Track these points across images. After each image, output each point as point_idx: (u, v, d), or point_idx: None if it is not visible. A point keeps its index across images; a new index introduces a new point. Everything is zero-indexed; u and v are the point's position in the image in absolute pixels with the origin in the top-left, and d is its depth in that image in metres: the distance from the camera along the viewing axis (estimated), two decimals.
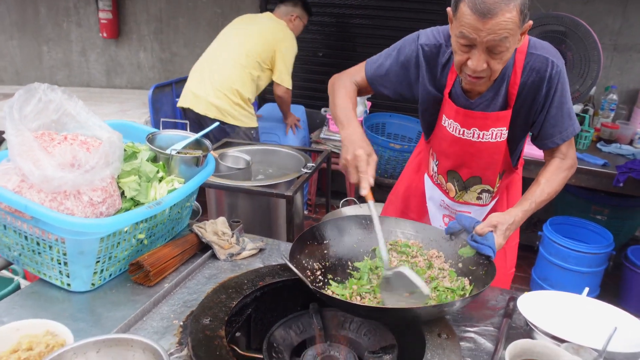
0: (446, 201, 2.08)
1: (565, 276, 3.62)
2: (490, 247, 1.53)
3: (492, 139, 1.82)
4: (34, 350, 1.18)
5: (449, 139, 1.89)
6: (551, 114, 1.75)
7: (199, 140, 1.90)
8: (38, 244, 1.51)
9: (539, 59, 1.69)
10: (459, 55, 1.59)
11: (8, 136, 1.39)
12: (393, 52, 1.88)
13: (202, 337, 1.33)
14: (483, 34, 1.48)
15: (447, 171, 2.00)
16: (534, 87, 1.72)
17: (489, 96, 1.76)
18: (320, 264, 1.65)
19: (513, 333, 1.47)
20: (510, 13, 1.45)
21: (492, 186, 1.99)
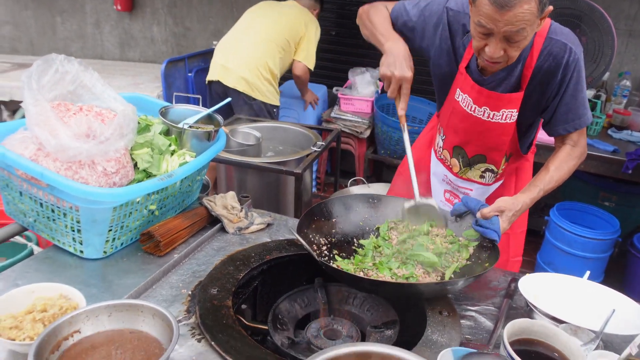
0: (449, 176, 2.10)
1: (570, 261, 3.64)
2: (495, 231, 1.55)
3: (501, 119, 1.81)
4: (48, 312, 1.23)
5: (460, 113, 1.89)
6: (565, 101, 1.74)
7: (211, 115, 1.93)
8: (53, 211, 1.55)
9: (558, 44, 1.67)
10: (477, 41, 1.59)
11: (26, 105, 1.42)
12: (423, 3, 1.87)
13: (209, 306, 1.38)
14: (501, 24, 1.47)
15: (454, 146, 2.01)
16: (550, 72, 1.71)
17: (501, 75, 1.76)
18: (327, 239, 1.68)
19: (513, 313, 1.50)
20: (528, 4, 1.43)
21: (497, 167, 2.00)
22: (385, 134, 4.47)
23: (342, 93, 4.66)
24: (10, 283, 1.46)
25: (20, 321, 1.20)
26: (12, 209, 1.70)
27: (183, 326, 1.33)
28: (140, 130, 1.74)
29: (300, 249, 1.64)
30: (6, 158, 1.46)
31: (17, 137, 1.53)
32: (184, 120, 1.84)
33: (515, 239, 2.16)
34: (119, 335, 1.18)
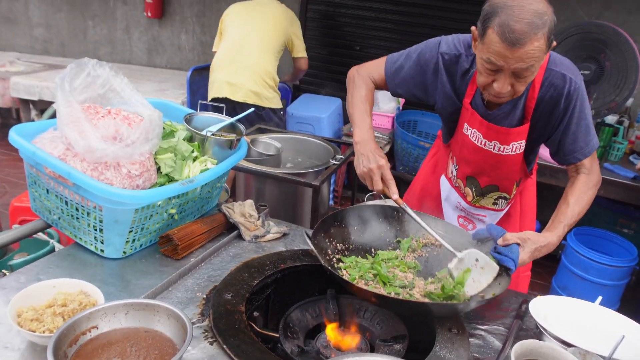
0: (462, 204, 2.11)
1: (586, 287, 3.60)
2: (513, 260, 1.51)
3: (511, 152, 1.84)
4: (68, 307, 1.27)
5: (470, 147, 1.91)
6: (571, 130, 1.76)
7: (234, 124, 1.98)
8: (77, 210, 1.60)
9: (557, 75, 1.70)
10: (484, 77, 1.60)
11: (58, 106, 1.48)
12: (414, 54, 1.89)
13: (223, 310, 1.41)
14: (511, 61, 1.49)
15: (467, 177, 2.03)
16: (552, 103, 1.74)
17: (506, 108, 1.78)
18: (344, 245, 1.71)
19: (523, 334, 1.51)
20: (538, 42, 1.45)
21: (509, 194, 2.03)
22: (404, 150, 4.49)
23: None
24: (32, 277, 1.50)
25: (41, 314, 1.24)
26: (38, 206, 1.75)
27: (196, 328, 1.36)
28: (165, 135, 1.79)
29: (315, 259, 1.66)
30: (36, 156, 1.52)
31: (47, 136, 1.58)
32: (207, 128, 1.89)
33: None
34: (134, 334, 1.21)
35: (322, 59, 5.48)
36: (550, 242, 1.62)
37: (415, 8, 4.95)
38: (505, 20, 1.45)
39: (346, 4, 5.21)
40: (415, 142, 4.34)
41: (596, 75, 3.35)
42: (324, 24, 5.38)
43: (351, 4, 5.19)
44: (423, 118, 4.88)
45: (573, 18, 4.26)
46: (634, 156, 3.87)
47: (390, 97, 4.70)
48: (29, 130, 1.64)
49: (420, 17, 4.93)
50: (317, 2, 5.35)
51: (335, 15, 5.30)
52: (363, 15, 5.17)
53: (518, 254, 1.53)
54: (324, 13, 5.34)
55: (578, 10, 4.26)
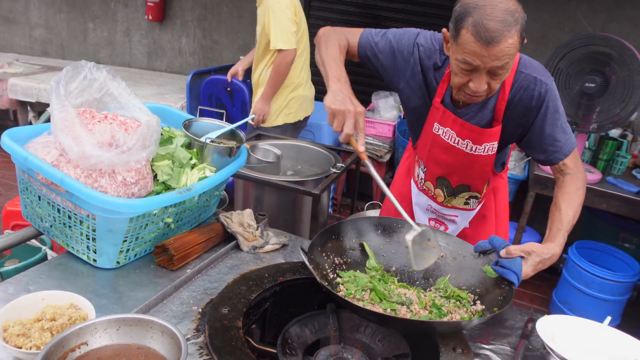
0: (433, 206, 2.11)
1: (587, 301, 3.56)
2: (516, 273, 1.49)
3: (483, 152, 1.84)
4: (57, 321, 1.21)
5: (442, 146, 1.90)
6: (547, 132, 1.76)
7: (234, 131, 1.93)
8: (69, 218, 1.55)
9: (528, 77, 1.71)
10: (460, 77, 1.61)
11: (52, 110, 1.43)
12: (390, 35, 1.88)
13: (219, 326, 1.35)
14: (487, 59, 1.50)
15: (437, 178, 2.03)
16: (522, 105, 1.74)
17: (475, 108, 1.79)
18: (342, 259, 1.67)
19: (529, 355, 1.46)
20: (512, 38, 1.47)
21: (480, 193, 2.04)
22: None
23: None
24: (22, 287, 1.45)
25: (28, 329, 1.19)
26: (30, 212, 1.70)
27: (191, 345, 1.30)
28: (163, 141, 1.74)
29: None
30: (28, 162, 1.46)
31: (40, 141, 1.53)
32: (207, 135, 1.84)
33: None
34: (126, 350, 1.16)
35: None
36: (554, 253, 1.60)
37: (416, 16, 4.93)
38: (478, 20, 1.47)
39: (348, 10, 5.18)
40: None
41: (601, 88, 3.31)
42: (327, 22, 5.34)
43: (353, 10, 5.16)
44: None
45: (577, 30, 4.24)
46: (637, 170, 3.83)
47: (392, 105, 4.67)
48: (22, 134, 1.59)
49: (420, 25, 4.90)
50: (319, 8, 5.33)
51: (337, 22, 5.26)
52: (365, 22, 5.15)
53: (521, 267, 1.51)
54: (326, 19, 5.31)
55: (582, 22, 4.24)
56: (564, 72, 3.39)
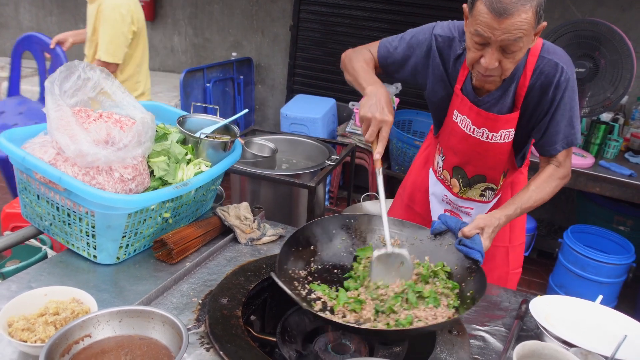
0: (449, 196, 2.10)
1: (583, 285, 3.60)
2: (479, 252, 1.52)
3: (500, 140, 1.83)
4: (60, 315, 1.24)
5: (459, 135, 1.89)
6: (555, 121, 1.74)
7: (228, 125, 1.95)
8: (69, 215, 1.57)
9: (550, 63, 1.69)
10: (472, 52, 1.60)
11: (48, 110, 1.45)
12: (407, 36, 1.89)
13: (219, 315, 1.38)
14: (498, 32, 1.49)
15: (453, 167, 2.01)
16: (541, 91, 1.72)
17: (497, 95, 1.77)
18: (306, 270, 1.59)
19: (523, 335, 1.49)
20: (526, 14, 1.46)
21: (496, 184, 2.01)
22: (399, 150, 4.48)
23: (357, 108, 4.68)
24: (24, 285, 1.47)
25: (32, 323, 1.22)
26: (29, 212, 1.72)
27: (192, 335, 1.33)
28: (158, 138, 1.77)
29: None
30: (26, 161, 1.49)
31: (37, 141, 1.55)
32: (201, 130, 1.86)
33: (514, 252, 2.14)
34: (128, 341, 1.19)
35: (316, 60, 5.47)
36: (500, 221, 1.63)
37: (409, 7, 4.94)
38: None
39: (339, 4, 5.19)
40: (410, 142, 4.33)
41: (591, 73, 3.34)
42: (318, 24, 5.36)
43: (344, 3, 5.17)
44: (417, 117, 4.88)
45: (566, 16, 4.26)
46: (629, 154, 3.86)
47: None
48: (19, 135, 1.61)
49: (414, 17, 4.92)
50: (310, 3, 5.33)
51: (329, 15, 5.28)
52: (356, 15, 5.16)
53: (482, 244, 1.54)
54: (318, 13, 5.32)
55: (571, 8, 4.26)
56: None
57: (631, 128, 4.05)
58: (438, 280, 1.52)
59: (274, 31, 5.59)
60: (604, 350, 1.30)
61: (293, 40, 5.48)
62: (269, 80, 5.82)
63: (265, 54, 5.71)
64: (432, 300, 1.43)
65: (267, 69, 5.77)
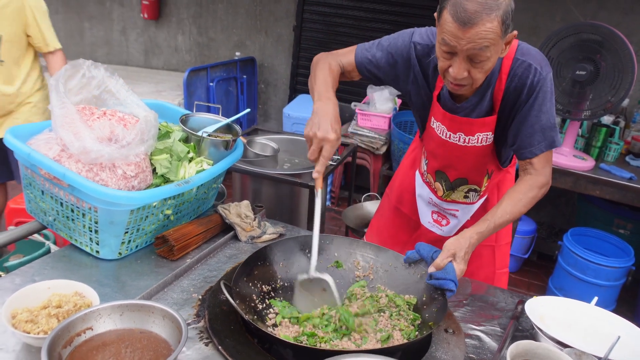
0: (434, 199, 2.08)
1: (582, 287, 3.61)
2: (452, 281, 1.48)
3: (477, 143, 1.81)
4: (63, 308, 1.26)
5: (437, 140, 1.89)
6: (529, 123, 1.70)
7: (230, 124, 1.98)
8: (72, 211, 1.60)
9: (523, 65, 1.67)
10: (442, 61, 1.59)
11: (53, 107, 1.48)
12: (385, 43, 1.86)
13: (218, 311, 1.41)
14: (463, 42, 1.47)
15: (435, 171, 2.01)
16: (516, 93, 1.70)
17: (474, 101, 1.75)
18: (270, 286, 1.57)
19: (519, 335, 1.51)
20: (491, 23, 1.44)
21: (480, 186, 1.99)
22: (401, 151, 4.49)
23: (359, 108, 4.70)
24: (27, 279, 1.50)
25: (35, 315, 1.24)
26: (33, 207, 1.75)
27: (192, 329, 1.36)
28: (161, 136, 1.79)
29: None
30: (31, 158, 1.51)
31: (42, 137, 1.58)
32: (203, 129, 1.89)
33: (500, 251, 2.12)
34: (129, 334, 1.21)
35: None
36: (471, 240, 1.59)
37: (411, 9, 4.96)
38: (459, 0, 1.45)
39: (342, 4, 5.21)
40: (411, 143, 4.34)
41: (592, 76, 3.35)
42: (321, 24, 5.38)
43: (347, 4, 5.20)
44: None
45: (568, 19, 4.28)
46: (630, 157, 3.87)
47: (387, 97, 4.71)
48: (24, 131, 1.64)
49: (417, 18, 4.94)
50: (313, 3, 5.35)
51: (332, 16, 5.30)
52: (359, 16, 5.18)
53: (454, 272, 1.50)
54: (321, 13, 5.35)
55: (573, 11, 4.28)
56: (555, 61, 3.43)
57: (632, 131, 4.06)
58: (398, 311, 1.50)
59: (277, 31, 5.62)
60: (597, 351, 1.32)
61: (296, 40, 5.50)
62: (272, 80, 5.84)
63: (269, 54, 5.74)
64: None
65: (270, 69, 5.79)
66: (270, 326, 1.42)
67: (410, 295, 1.56)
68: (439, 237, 2.11)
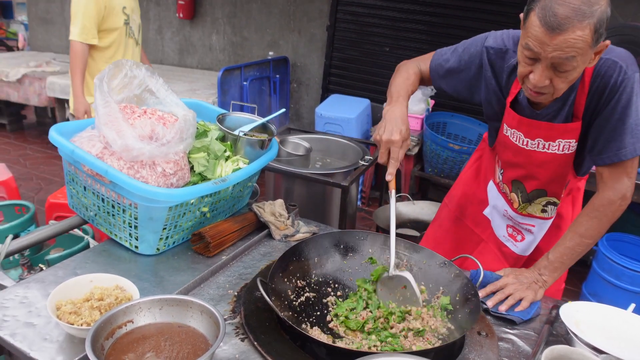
0: (509, 212, 1.98)
1: (617, 294, 3.54)
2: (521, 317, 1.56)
3: (558, 150, 1.69)
4: (105, 301, 1.30)
5: (512, 148, 1.80)
6: (610, 126, 1.57)
7: (265, 124, 2.00)
8: (113, 207, 1.64)
9: (607, 62, 1.53)
10: (523, 66, 1.50)
11: (97, 106, 1.52)
12: (460, 48, 1.82)
13: (254, 308, 1.43)
14: (549, 49, 1.37)
15: (512, 181, 1.90)
16: (597, 94, 1.57)
17: (555, 107, 1.64)
18: (305, 281, 1.60)
19: (553, 340, 1.50)
20: (582, 31, 1.33)
21: (558, 198, 1.87)
22: (433, 152, 4.47)
23: None
24: (69, 271, 1.55)
25: (78, 307, 1.28)
26: (75, 202, 1.80)
27: (228, 325, 1.38)
28: (198, 135, 1.83)
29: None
30: (75, 154, 1.56)
31: (85, 135, 1.63)
32: (240, 128, 1.92)
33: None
34: (168, 328, 1.24)
35: (352, 60, 5.50)
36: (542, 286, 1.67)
37: (446, 9, 4.93)
38: (549, 3, 1.34)
39: (376, 4, 5.21)
40: (445, 144, 4.32)
41: None
42: (354, 24, 5.39)
43: (381, 4, 5.19)
44: (452, 120, 4.86)
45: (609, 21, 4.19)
46: None
47: (420, 98, 4.69)
48: (68, 129, 1.69)
49: (451, 18, 4.91)
50: (347, 3, 5.36)
51: (365, 16, 5.31)
52: (393, 16, 5.17)
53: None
54: (354, 13, 5.35)
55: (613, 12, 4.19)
56: None
57: None
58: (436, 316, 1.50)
59: (310, 31, 5.65)
60: (633, 358, 1.30)
61: (329, 40, 5.52)
62: (304, 80, 5.87)
63: (302, 54, 5.77)
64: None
65: (303, 69, 5.83)
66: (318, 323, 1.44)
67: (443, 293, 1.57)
68: (513, 254, 2.04)
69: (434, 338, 1.40)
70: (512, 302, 1.59)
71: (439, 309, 1.51)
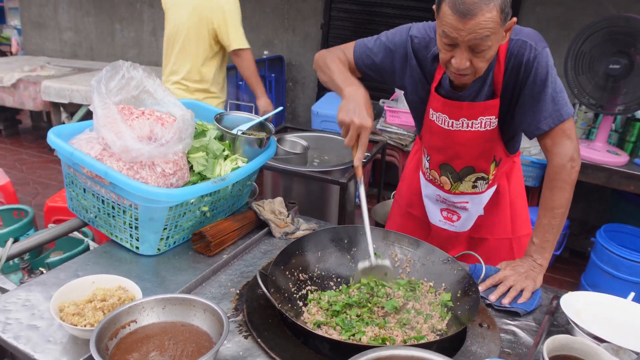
0: (442, 195, 2.07)
1: (616, 285, 3.56)
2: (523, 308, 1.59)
3: (481, 127, 1.80)
4: (107, 302, 1.31)
5: (439, 132, 1.88)
6: (535, 99, 1.68)
7: (263, 123, 2.01)
8: (113, 208, 1.64)
9: (518, 43, 1.67)
10: (443, 53, 1.60)
11: (95, 108, 1.53)
12: (383, 37, 1.88)
13: (256, 305, 1.44)
14: (464, 33, 1.48)
15: (440, 165, 1.99)
16: (514, 72, 1.70)
17: (476, 87, 1.75)
18: (307, 274, 1.61)
19: (554, 330, 1.51)
20: (490, 13, 1.45)
21: (487, 174, 1.96)
22: None
23: (388, 105, 4.70)
24: (71, 273, 1.55)
25: (82, 309, 1.29)
26: (75, 205, 1.80)
27: (231, 323, 1.39)
28: (197, 135, 1.83)
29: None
30: (74, 156, 1.56)
31: (84, 137, 1.63)
32: (238, 127, 1.92)
33: (519, 243, 2.10)
34: (171, 327, 1.25)
35: None
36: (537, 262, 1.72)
37: None
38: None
39: (370, 1, 5.22)
40: None
41: (626, 69, 3.30)
42: (348, 22, 5.39)
43: (375, 1, 5.20)
44: None
45: (602, 12, 4.21)
46: None
47: None
48: (67, 131, 1.70)
49: None
50: (340, 1, 5.37)
51: (359, 13, 5.31)
52: (387, 13, 5.18)
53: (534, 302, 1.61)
54: (348, 11, 5.36)
55: (607, 4, 4.21)
56: (588, 55, 3.38)
57: None
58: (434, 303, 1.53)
59: (305, 29, 5.65)
60: (635, 347, 1.31)
61: (324, 38, 5.52)
62: (300, 78, 5.88)
63: (297, 52, 5.77)
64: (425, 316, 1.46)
65: (299, 67, 5.83)
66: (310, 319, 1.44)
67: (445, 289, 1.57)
68: (453, 233, 2.11)
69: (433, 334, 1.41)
70: (515, 293, 1.61)
71: (439, 305, 1.51)
